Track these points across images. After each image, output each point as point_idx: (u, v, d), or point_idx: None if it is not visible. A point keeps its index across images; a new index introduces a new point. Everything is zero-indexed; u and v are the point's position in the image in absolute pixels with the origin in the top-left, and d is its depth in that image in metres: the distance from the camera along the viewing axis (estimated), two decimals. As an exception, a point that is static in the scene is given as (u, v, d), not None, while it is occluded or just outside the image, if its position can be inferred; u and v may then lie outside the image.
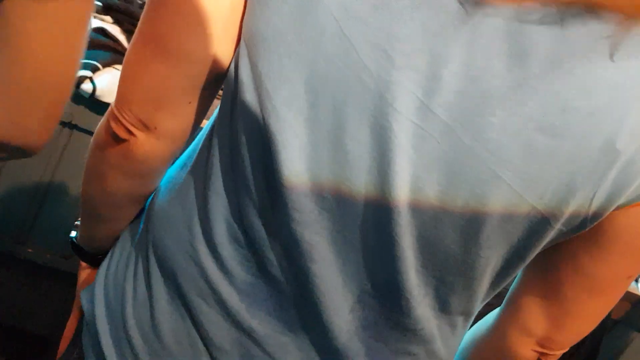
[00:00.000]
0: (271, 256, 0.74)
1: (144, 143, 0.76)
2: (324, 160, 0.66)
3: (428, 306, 0.75)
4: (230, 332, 0.78)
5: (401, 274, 0.71)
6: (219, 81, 0.74)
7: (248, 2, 0.66)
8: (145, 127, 0.74)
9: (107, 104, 1.63)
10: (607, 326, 1.89)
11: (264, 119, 0.66)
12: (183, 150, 0.81)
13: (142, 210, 0.88)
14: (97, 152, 0.80)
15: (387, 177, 0.64)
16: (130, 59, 0.73)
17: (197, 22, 0.67)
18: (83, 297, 0.90)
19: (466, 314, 0.79)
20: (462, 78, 0.60)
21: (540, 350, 0.85)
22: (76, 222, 0.99)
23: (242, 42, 0.67)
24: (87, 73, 1.63)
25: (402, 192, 0.65)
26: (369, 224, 0.69)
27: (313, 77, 0.63)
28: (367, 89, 0.61)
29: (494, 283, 0.75)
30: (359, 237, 0.70)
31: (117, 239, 0.91)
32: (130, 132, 0.75)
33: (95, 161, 0.81)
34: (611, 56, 0.58)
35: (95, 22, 1.76)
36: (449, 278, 0.72)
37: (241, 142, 0.70)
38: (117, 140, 0.76)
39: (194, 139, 0.83)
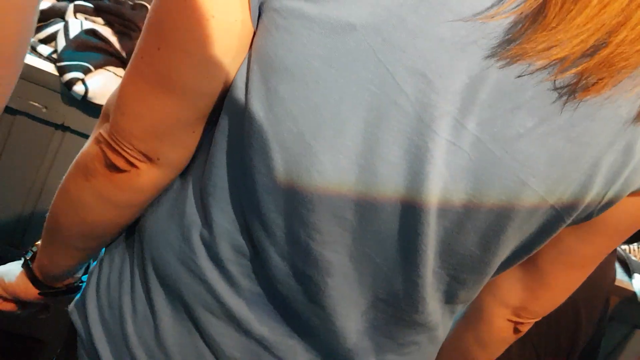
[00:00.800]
0: (282, 270, 0.74)
1: (145, 173, 0.75)
2: (349, 183, 0.66)
3: (437, 299, 0.78)
4: (241, 341, 0.79)
5: (419, 278, 0.72)
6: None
7: (261, 27, 0.64)
8: (148, 158, 0.73)
9: (100, 106, 1.65)
10: (605, 326, 1.90)
11: (284, 143, 0.65)
12: None
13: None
14: (81, 182, 0.78)
15: (418, 193, 0.65)
16: (129, 93, 0.71)
17: (205, 60, 0.66)
18: (73, 314, 0.88)
19: (468, 301, 0.82)
20: (494, 93, 0.61)
21: (516, 319, 0.90)
22: (36, 244, 0.95)
23: (252, 66, 0.65)
24: (79, 75, 1.63)
25: (431, 204, 0.66)
26: (392, 237, 0.70)
27: (342, 104, 0.62)
28: (404, 113, 0.62)
29: (497, 273, 0.78)
30: (380, 250, 0.71)
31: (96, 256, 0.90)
32: (131, 164, 0.73)
33: (78, 191, 0.79)
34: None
35: (87, 24, 1.76)
36: (463, 276, 0.75)
37: (254, 164, 0.69)
38: (114, 170, 0.74)
39: None
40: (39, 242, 0.92)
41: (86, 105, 1.67)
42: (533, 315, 0.90)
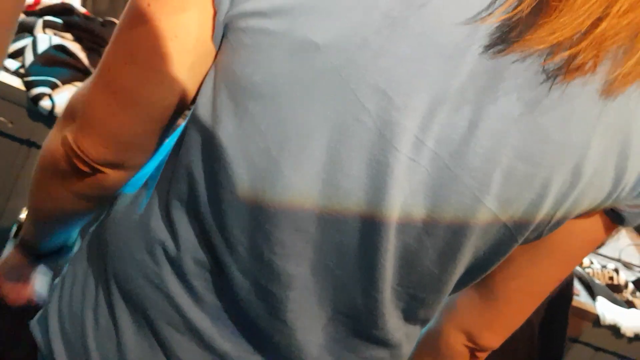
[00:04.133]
0: (243, 287, 0.74)
1: (111, 176, 0.77)
2: (313, 198, 0.67)
3: (397, 317, 0.78)
4: (203, 356, 0.78)
5: (378, 293, 0.73)
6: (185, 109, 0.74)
7: (227, 46, 0.65)
8: (114, 165, 0.75)
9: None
10: (566, 347, 1.92)
11: (251, 159, 0.67)
12: None
13: (83, 234, 0.89)
14: (50, 179, 0.80)
15: (379, 208, 0.66)
16: (96, 105, 0.72)
17: (170, 76, 0.67)
18: (35, 329, 0.88)
19: (428, 320, 0.83)
20: (452, 112, 0.62)
21: (472, 345, 0.90)
22: (20, 218, 0.99)
23: (219, 84, 0.67)
24: (46, 90, 1.62)
25: (391, 219, 0.67)
26: (353, 250, 0.71)
27: (307, 120, 0.64)
28: (367, 129, 0.63)
29: (453, 292, 0.79)
30: (340, 263, 0.72)
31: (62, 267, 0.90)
32: (96, 170, 0.75)
33: (48, 186, 0.82)
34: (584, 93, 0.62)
35: (55, 40, 1.75)
36: (422, 294, 0.75)
37: (219, 179, 0.69)
38: (80, 173, 0.76)
39: None
40: (22, 216, 0.97)
41: (53, 121, 1.64)
42: (488, 343, 0.90)
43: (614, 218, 0.75)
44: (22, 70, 1.69)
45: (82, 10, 1.94)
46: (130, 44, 0.68)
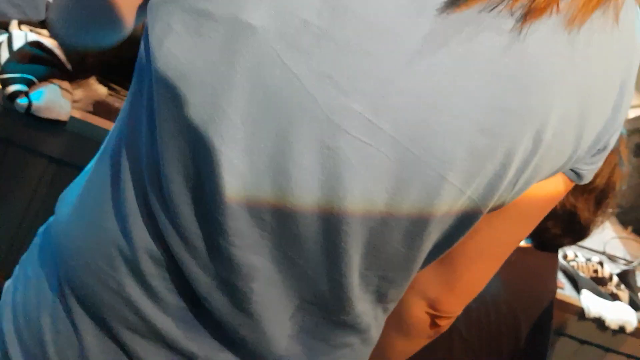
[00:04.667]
0: (205, 283, 0.73)
1: None
2: (264, 188, 0.66)
3: (367, 301, 0.78)
4: (170, 357, 0.77)
5: (345, 278, 0.72)
6: None
7: (167, 26, 0.63)
8: None
9: (44, 120, 1.61)
10: (550, 340, 1.93)
11: (195, 149, 0.66)
12: None
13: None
14: None
15: (336, 195, 0.65)
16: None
17: None
18: None
19: (398, 299, 0.83)
20: (406, 94, 0.61)
21: (432, 312, 0.90)
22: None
23: (156, 66, 0.65)
24: (23, 88, 1.60)
25: (351, 207, 0.66)
26: (313, 239, 0.70)
27: (251, 108, 0.62)
28: (313, 116, 0.62)
29: (421, 268, 0.79)
30: (302, 252, 0.71)
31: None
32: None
33: None
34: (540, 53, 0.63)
35: (31, 36, 1.72)
36: (391, 274, 0.75)
37: (168, 173, 0.68)
38: None
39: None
40: None
41: (29, 119, 1.63)
42: (449, 308, 0.90)
43: (571, 176, 0.76)
44: (-3, 67, 1.66)
45: (59, 5, 1.91)
46: None
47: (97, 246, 0.75)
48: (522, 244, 1.57)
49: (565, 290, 2.21)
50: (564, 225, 1.53)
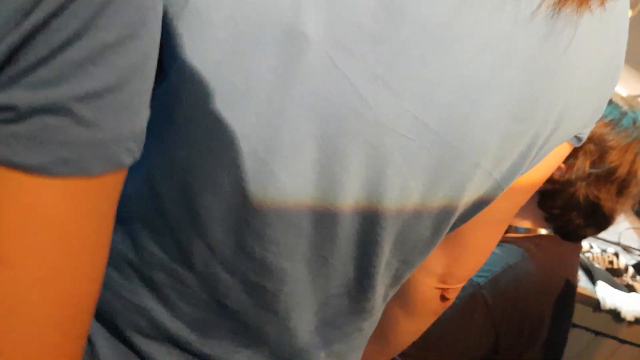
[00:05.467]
0: (232, 286, 0.72)
1: None
2: (307, 196, 0.65)
3: (384, 285, 0.79)
4: (183, 358, 0.77)
5: (373, 268, 0.73)
6: None
7: (189, 39, 0.59)
8: None
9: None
10: (567, 333, 1.93)
11: (236, 163, 0.63)
12: None
13: None
14: None
15: (377, 192, 0.66)
16: None
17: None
18: None
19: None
20: (451, 89, 0.62)
21: (442, 286, 0.92)
22: None
23: (186, 86, 0.61)
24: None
25: (390, 203, 0.67)
26: (348, 237, 0.70)
27: (297, 116, 0.61)
28: (364, 120, 0.62)
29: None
30: (335, 252, 0.71)
31: None
32: None
33: None
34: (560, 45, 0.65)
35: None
36: (412, 258, 0.76)
37: (199, 186, 0.66)
38: None
39: None
40: None
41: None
42: (458, 280, 0.92)
43: (573, 142, 0.78)
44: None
45: None
46: None
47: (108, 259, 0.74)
48: (544, 232, 1.58)
49: (580, 282, 2.21)
50: (587, 215, 1.53)
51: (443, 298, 0.94)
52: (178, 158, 0.66)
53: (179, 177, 0.66)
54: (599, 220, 1.54)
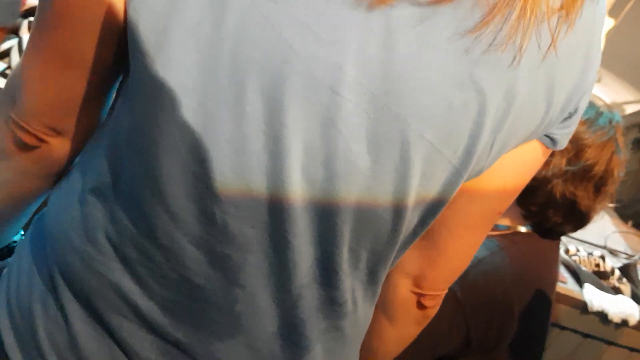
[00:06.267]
0: (197, 259, 0.73)
1: (56, 146, 0.78)
2: (256, 152, 0.66)
3: (357, 279, 0.78)
4: (155, 343, 0.77)
5: (336, 252, 0.73)
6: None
7: None
8: (58, 132, 0.76)
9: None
10: (553, 334, 1.93)
11: (187, 119, 0.65)
12: None
13: (27, 225, 0.87)
14: None
15: (330, 157, 0.66)
16: (33, 73, 0.73)
17: (101, 30, 0.68)
18: None
19: (384, 278, 0.83)
20: (383, 47, 0.62)
21: (417, 290, 0.90)
22: None
23: (137, 38, 0.65)
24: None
25: (341, 169, 0.67)
26: (306, 217, 0.70)
27: (239, 67, 0.62)
28: (297, 72, 0.62)
29: (408, 243, 0.79)
30: (294, 229, 0.70)
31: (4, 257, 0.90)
32: (41, 140, 0.76)
33: None
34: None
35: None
36: (379, 248, 0.75)
37: (158, 152, 0.68)
38: (27, 148, 0.77)
39: None
40: None
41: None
42: (433, 286, 0.90)
43: (547, 142, 0.77)
44: (8, 72, 1.69)
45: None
46: (57, 4, 0.68)
47: (83, 232, 0.76)
48: (524, 229, 1.60)
49: (567, 284, 2.21)
50: (565, 213, 1.54)
51: (420, 305, 0.92)
52: (134, 123, 0.69)
53: (137, 142, 0.69)
54: (577, 218, 1.55)
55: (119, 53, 0.71)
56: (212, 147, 0.65)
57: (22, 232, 0.98)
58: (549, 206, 1.53)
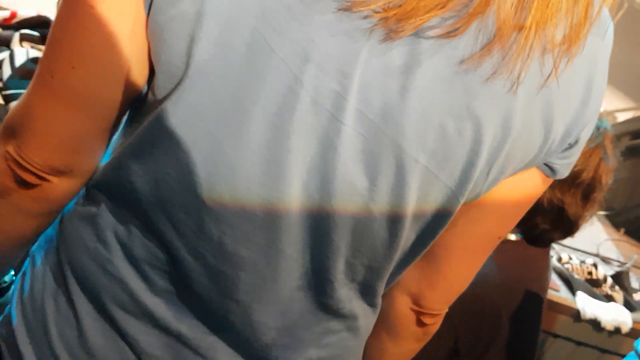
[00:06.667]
0: (194, 269, 0.75)
1: (58, 185, 0.75)
2: (256, 176, 0.68)
3: (353, 290, 0.80)
4: (160, 337, 0.79)
5: (331, 264, 0.75)
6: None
7: (154, 37, 0.66)
8: (60, 172, 0.74)
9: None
10: (546, 342, 1.93)
11: (193, 143, 0.67)
12: None
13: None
14: None
15: (323, 179, 0.68)
16: (40, 112, 0.71)
17: (115, 70, 0.68)
18: (1, 327, 0.87)
19: (382, 292, 0.84)
20: (383, 76, 0.64)
21: (416, 308, 0.91)
22: None
23: (158, 76, 0.67)
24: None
25: (339, 191, 0.69)
26: (300, 227, 0.72)
27: (245, 96, 0.65)
28: (301, 99, 0.64)
29: (407, 261, 0.81)
30: (290, 243, 0.73)
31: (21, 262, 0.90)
32: (42, 178, 0.74)
33: None
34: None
35: (33, 52, 1.75)
36: (375, 264, 0.77)
37: (162, 165, 0.70)
38: (26, 186, 0.74)
39: None
40: None
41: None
42: (432, 305, 0.91)
43: (546, 171, 0.78)
44: (0, 84, 1.69)
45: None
46: (74, 43, 0.67)
47: (93, 230, 0.78)
48: (513, 237, 1.60)
49: (560, 292, 2.22)
50: (553, 220, 1.55)
51: (419, 322, 0.94)
52: (138, 136, 0.71)
53: (145, 151, 0.71)
54: (565, 225, 1.56)
55: (133, 96, 0.72)
56: (212, 167, 0.68)
57: (13, 272, 0.97)
58: (537, 213, 1.53)
